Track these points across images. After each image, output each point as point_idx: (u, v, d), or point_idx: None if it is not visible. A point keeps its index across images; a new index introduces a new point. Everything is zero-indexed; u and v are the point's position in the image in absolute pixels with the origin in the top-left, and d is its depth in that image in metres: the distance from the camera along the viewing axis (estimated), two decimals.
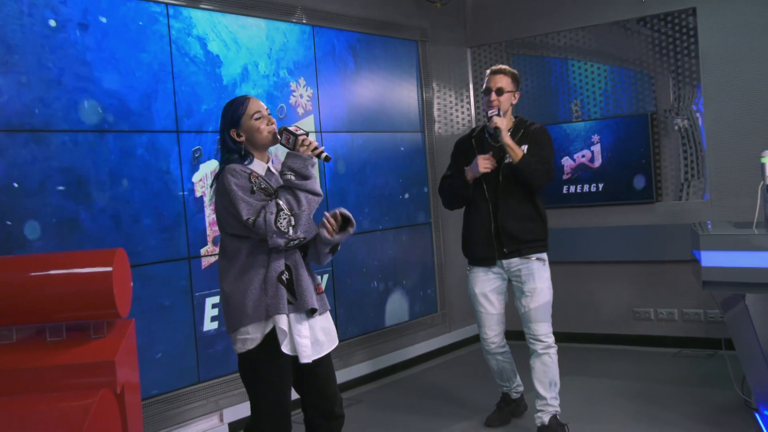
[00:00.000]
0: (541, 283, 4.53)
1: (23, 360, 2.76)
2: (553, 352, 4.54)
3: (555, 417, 4.51)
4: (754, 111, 6.11)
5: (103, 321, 2.85)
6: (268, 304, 3.37)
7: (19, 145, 4.23)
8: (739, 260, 3.98)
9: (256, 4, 5.51)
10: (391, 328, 6.59)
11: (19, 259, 2.97)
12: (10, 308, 2.80)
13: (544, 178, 4.46)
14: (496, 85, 4.53)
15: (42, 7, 4.35)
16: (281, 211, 3.29)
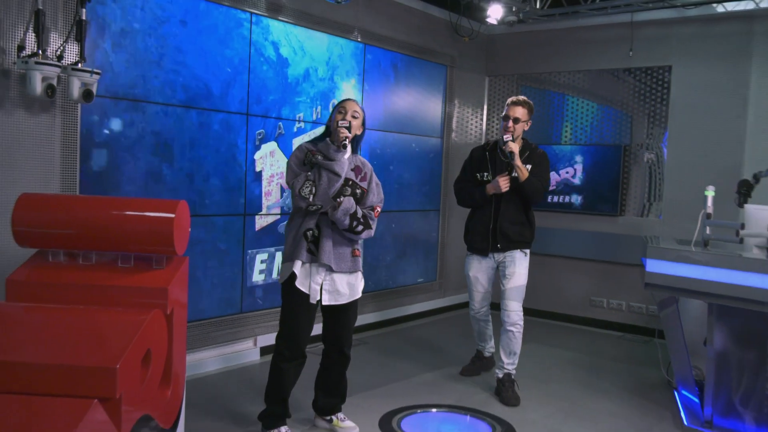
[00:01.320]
0: (520, 269, 4.53)
1: (98, 278, 2.77)
2: (517, 330, 4.51)
3: (509, 375, 4.52)
4: (707, 154, 6.06)
5: (163, 256, 2.84)
6: (291, 250, 3.54)
7: (122, 110, 4.25)
8: (676, 270, 3.93)
9: (322, 21, 5.47)
10: (398, 288, 6.57)
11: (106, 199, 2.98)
12: (94, 237, 2.81)
13: (540, 195, 4.51)
14: (514, 114, 4.46)
15: (153, 4, 4.35)
16: (307, 181, 3.44)
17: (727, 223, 4.19)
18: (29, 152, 3.78)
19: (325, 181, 3.43)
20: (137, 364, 2.41)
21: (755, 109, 5.85)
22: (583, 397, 4.60)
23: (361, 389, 4.54)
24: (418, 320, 6.72)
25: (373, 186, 3.67)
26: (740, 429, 3.89)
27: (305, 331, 3.61)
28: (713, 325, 3.95)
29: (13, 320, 2.49)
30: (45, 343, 2.34)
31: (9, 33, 3.67)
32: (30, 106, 3.77)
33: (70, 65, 3.76)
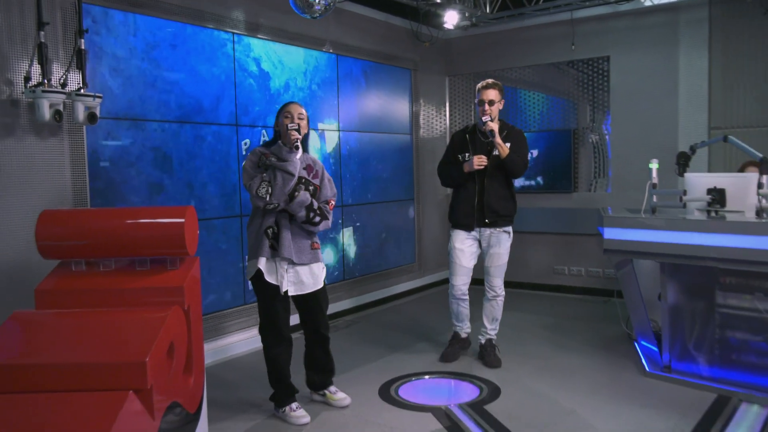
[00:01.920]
0: (503, 249, 4.41)
1: (119, 282, 2.74)
2: (500, 300, 4.50)
3: (490, 340, 4.53)
4: (646, 132, 6.13)
5: (176, 257, 2.82)
6: (255, 248, 3.52)
7: (123, 129, 4.19)
8: (630, 235, 3.99)
9: (297, 36, 5.44)
10: (383, 272, 6.58)
11: (119, 210, 2.94)
12: (111, 245, 2.77)
13: (522, 169, 4.34)
14: (488, 97, 4.28)
15: (144, 31, 4.29)
16: (263, 182, 3.41)
17: (671, 191, 4.27)
18: (42, 173, 3.72)
19: (280, 181, 3.38)
20: (163, 356, 2.39)
21: (685, 89, 5.94)
22: (555, 355, 4.65)
23: (358, 364, 4.55)
24: (402, 299, 6.74)
25: (325, 182, 3.61)
26: (695, 371, 3.97)
27: (283, 319, 3.58)
28: (665, 281, 4.02)
29: (46, 326, 2.46)
30: (78, 345, 2.32)
31: (15, 66, 3.60)
32: (40, 131, 3.70)
33: (73, 91, 3.70)
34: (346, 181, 6.06)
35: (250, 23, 5.02)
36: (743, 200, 3.81)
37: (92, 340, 2.35)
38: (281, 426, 3.54)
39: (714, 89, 5.82)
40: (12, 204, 3.58)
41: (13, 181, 3.59)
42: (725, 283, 3.80)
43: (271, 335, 3.59)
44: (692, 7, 5.86)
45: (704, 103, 5.85)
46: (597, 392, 3.88)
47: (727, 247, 3.57)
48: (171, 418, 2.50)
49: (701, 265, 3.77)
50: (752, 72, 5.64)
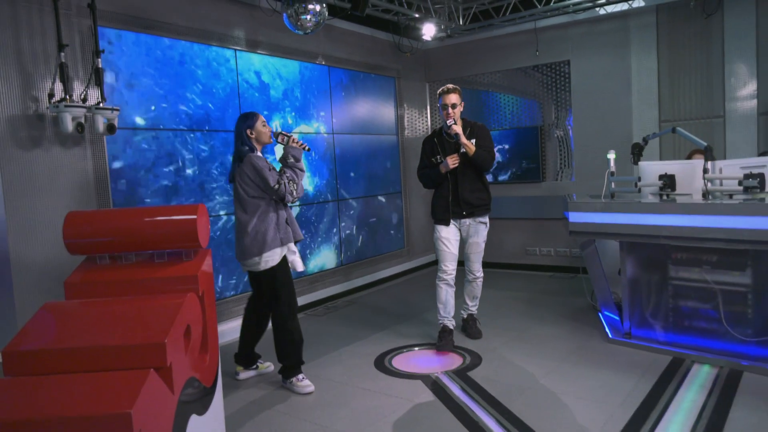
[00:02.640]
0: (481, 239, 4.32)
1: (140, 273, 2.72)
2: (479, 281, 4.47)
3: (471, 315, 4.54)
4: (604, 125, 6.13)
5: (191, 250, 2.80)
6: (281, 237, 3.50)
7: (140, 138, 4.15)
8: (592, 218, 3.99)
9: (293, 51, 5.41)
10: (375, 257, 6.57)
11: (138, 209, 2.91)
12: (132, 241, 2.75)
13: (490, 162, 4.21)
14: (450, 101, 4.18)
15: (155, 50, 4.25)
16: (290, 181, 3.45)
17: (627, 178, 4.27)
18: (68, 179, 3.69)
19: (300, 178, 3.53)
20: (180, 337, 2.38)
21: (637, 87, 5.94)
22: (528, 326, 4.67)
23: (354, 339, 4.55)
24: (393, 281, 6.74)
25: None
26: (653, 336, 3.99)
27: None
28: (624, 258, 4.03)
29: (74, 314, 2.44)
30: (104, 329, 2.30)
31: (39, 84, 3.56)
32: (64, 142, 3.67)
33: (93, 106, 3.66)
34: (341, 178, 6.04)
35: (250, 40, 4.98)
36: (691, 184, 3.82)
37: (116, 325, 2.33)
38: (288, 395, 3.54)
39: (663, 86, 5.83)
40: (42, 207, 3.55)
41: (42, 187, 3.56)
42: (677, 258, 3.82)
43: (294, 310, 3.60)
44: (641, 13, 5.86)
45: (654, 99, 5.86)
46: (566, 358, 3.90)
47: (677, 226, 3.58)
48: (189, 392, 2.49)
49: (655, 243, 3.78)
50: (695, 70, 5.65)
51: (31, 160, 3.51)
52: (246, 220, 3.46)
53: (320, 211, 5.79)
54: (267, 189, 3.42)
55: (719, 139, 5.51)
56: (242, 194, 3.44)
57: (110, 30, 3.95)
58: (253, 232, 3.44)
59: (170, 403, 2.24)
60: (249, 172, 3.42)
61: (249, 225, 3.45)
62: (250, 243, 3.45)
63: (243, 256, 3.51)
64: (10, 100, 3.43)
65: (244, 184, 3.43)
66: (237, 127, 3.53)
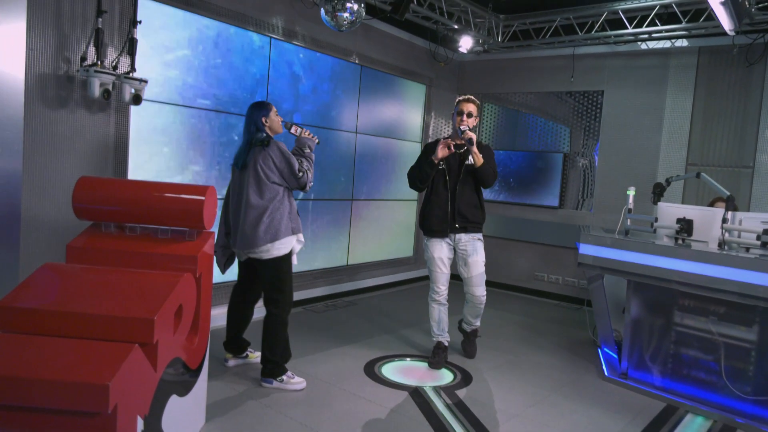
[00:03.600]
0: (480, 257, 4.09)
1: (141, 246, 2.72)
2: (482, 304, 4.19)
3: (475, 330, 4.44)
4: (629, 161, 6.04)
5: (194, 230, 2.80)
6: (293, 226, 3.47)
7: (164, 113, 4.18)
8: (602, 252, 3.93)
9: (328, 45, 5.41)
10: (381, 261, 6.54)
11: (149, 183, 2.92)
12: (139, 213, 2.76)
13: (493, 178, 4.07)
14: (467, 109, 4.01)
15: (192, 28, 4.27)
16: (309, 170, 3.48)
17: (644, 217, 4.19)
18: (88, 144, 3.71)
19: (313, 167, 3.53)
20: (171, 316, 2.37)
21: (668, 127, 5.85)
22: (525, 352, 4.60)
23: (348, 341, 4.52)
24: (397, 287, 6.70)
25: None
26: (649, 380, 3.91)
27: None
28: (631, 297, 3.96)
29: (71, 278, 2.44)
30: (96, 297, 2.30)
31: (74, 46, 3.59)
32: (90, 107, 3.70)
33: (123, 74, 3.69)
34: (358, 178, 6.03)
35: (287, 30, 4.98)
36: (708, 232, 3.74)
37: (110, 294, 2.33)
38: (276, 391, 3.52)
39: (695, 129, 5.73)
40: (58, 168, 3.58)
41: (63, 147, 3.58)
42: (684, 304, 3.74)
43: (291, 303, 3.57)
44: (683, 53, 5.76)
45: (684, 141, 5.76)
46: (558, 390, 3.83)
47: (689, 272, 3.51)
48: (172, 372, 2.48)
49: (664, 286, 3.71)
50: (730, 117, 5.54)
51: (55, 120, 3.54)
52: (262, 205, 3.37)
53: (334, 208, 5.77)
54: (291, 176, 3.39)
55: (745, 190, 5.40)
56: (262, 177, 3.35)
57: (151, 2, 3.98)
58: (267, 219, 3.37)
59: (151, 380, 2.23)
60: (276, 157, 3.36)
61: (265, 211, 3.36)
62: (265, 230, 3.37)
63: (251, 242, 3.39)
64: (43, 58, 3.46)
65: (267, 168, 3.36)
66: (251, 114, 3.49)
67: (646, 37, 5.72)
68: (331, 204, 5.75)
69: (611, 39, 5.87)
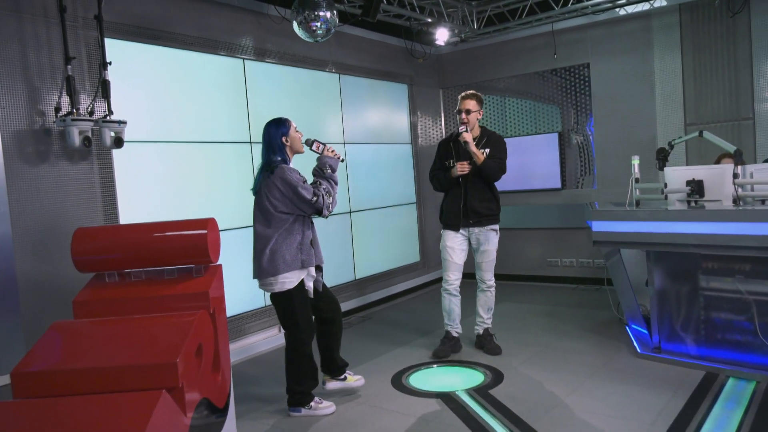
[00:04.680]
0: (492, 246, 4.39)
1: (150, 291, 2.74)
2: (492, 290, 4.48)
3: (487, 329, 4.50)
4: (626, 130, 6.11)
5: (201, 265, 2.82)
6: (303, 259, 3.38)
7: (146, 151, 4.20)
8: (616, 227, 3.96)
9: (302, 59, 5.46)
10: (389, 271, 6.57)
11: (147, 225, 2.94)
12: (141, 257, 2.78)
13: (499, 173, 4.30)
14: (465, 107, 4.29)
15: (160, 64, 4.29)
16: (327, 194, 3.37)
17: (653, 185, 4.24)
18: (75, 194, 3.73)
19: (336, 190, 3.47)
20: (192, 356, 2.39)
21: (661, 90, 5.92)
22: (552, 341, 4.63)
23: (371, 356, 4.54)
24: (409, 295, 6.72)
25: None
26: (683, 350, 3.94)
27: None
28: (652, 268, 4.00)
29: (83, 334, 2.46)
30: (113, 349, 2.31)
31: (46, 98, 3.62)
32: (71, 157, 3.72)
33: (100, 119, 3.71)
34: (353, 189, 6.06)
35: (258, 49, 5.03)
36: (720, 190, 3.78)
37: (126, 344, 2.34)
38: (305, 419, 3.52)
39: (687, 89, 5.80)
40: (48, 224, 3.59)
41: (50, 202, 3.60)
42: (707, 267, 3.78)
43: (309, 335, 3.50)
44: (663, 13, 5.84)
45: (679, 102, 5.83)
46: (593, 374, 3.86)
47: (707, 234, 3.55)
48: (201, 414, 2.49)
49: (684, 252, 3.74)
50: (722, 71, 5.61)
51: (38, 176, 3.56)
52: (267, 235, 3.32)
53: (333, 224, 5.80)
54: (301, 204, 3.30)
55: (749, 142, 5.46)
56: (268, 207, 3.30)
57: (117, 41, 4.01)
58: (270, 252, 3.31)
59: (182, 425, 2.24)
60: (280, 186, 3.29)
61: (269, 242, 3.32)
62: (267, 262, 3.32)
63: (256, 274, 3.40)
64: (17, 115, 3.48)
65: (272, 197, 3.29)
66: (268, 134, 3.39)
67: (624, 2, 5.80)
68: (329, 220, 5.77)
69: (589, 9, 5.94)
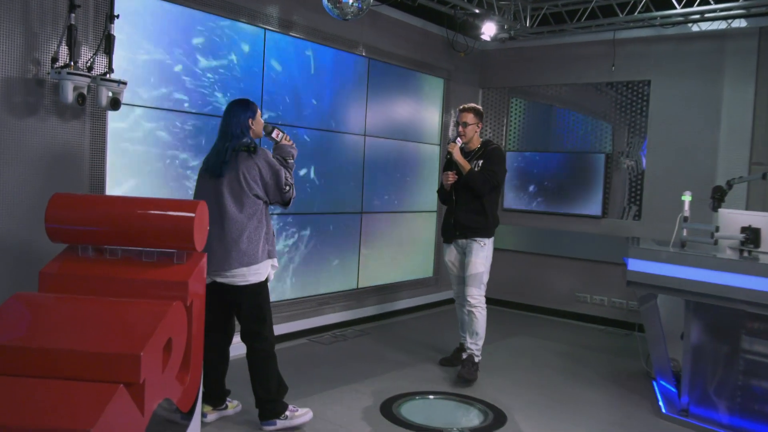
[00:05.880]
0: (476, 258, 4.56)
1: (124, 272, 2.75)
2: (477, 312, 4.55)
3: (471, 356, 4.55)
4: (683, 161, 6.04)
5: (183, 251, 2.82)
6: (269, 249, 3.50)
7: (146, 118, 4.23)
8: (655, 269, 3.92)
9: (331, 37, 5.48)
10: (397, 283, 6.55)
11: (131, 199, 2.96)
12: (120, 233, 2.79)
13: (485, 185, 4.53)
14: (463, 119, 4.64)
15: (176, 21, 4.33)
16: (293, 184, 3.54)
17: (703, 226, 4.18)
18: (61, 156, 3.77)
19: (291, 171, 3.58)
20: (159, 351, 2.39)
21: (728, 122, 5.83)
22: (567, 386, 4.58)
23: (361, 377, 4.52)
24: (416, 313, 6.69)
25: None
26: (715, 417, 3.87)
27: None
28: (690, 320, 3.93)
29: (45, 310, 2.48)
30: (74, 331, 2.33)
31: (44, 46, 3.65)
32: (62, 114, 3.75)
33: (99, 76, 3.74)
34: (368, 187, 6.06)
35: (283, 20, 5.05)
36: None
37: (89, 328, 2.35)
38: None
39: (759, 123, 5.70)
40: (30, 183, 3.63)
41: (32, 159, 3.64)
42: (753, 327, 3.71)
43: (274, 336, 3.59)
44: (741, 36, 5.76)
45: (747, 137, 5.73)
46: (607, 430, 3.80)
47: (758, 290, 3.49)
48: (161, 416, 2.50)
49: (729, 307, 3.68)
50: None
51: (24, 129, 3.59)
52: (242, 221, 3.35)
53: (340, 223, 5.79)
54: (275, 191, 3.43)
55: None
56: (245, 189, 3.35)
57: None
58: (246, 240, 3.35)
59: (138, 425, 2.24)
60: (263, 168, 3.38)
61: (245, 229, 3.36)
62: (242, 252, 3.35)
63: (222, 264, 3.36)
64: (9, 60, 3.52)
65: (251, 179, 3.35)
66: (235, 114, 3.46)
67: (698, 17, 5.73)
68: (337, 218, 5.77)
69: (657, 20, 5.88)
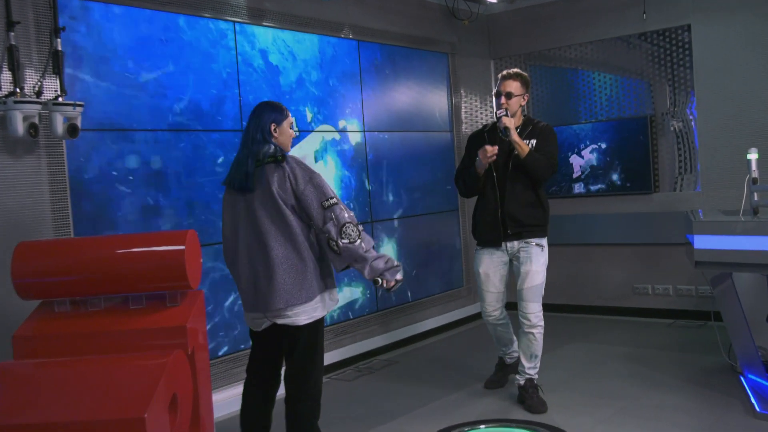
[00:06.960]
0: (536, 266, 4.38)
1: (110, 324, 2.78)
2: (537, 332, 4.41)
3: (531, 380, 4.47)
4: (741, 114, 6.04)
5: (177, 291, 2.85)
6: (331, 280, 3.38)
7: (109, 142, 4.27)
8: (727, 243, 3.92)
9: (310, 21, 5.51)
10: (424, 300, 6.56)
11: (108, 238, 2.99)
12: (99, 280, 2.82)
13: (548, 171, 4.36)
14: (506, 89, 4.36)
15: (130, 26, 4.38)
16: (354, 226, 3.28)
17: None
18: (17, 198, 3.80)
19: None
20: (164, 410, 2.42)
21: None
22: (641, 394, 4.57)
23: (398, 413, 4.53)
24: (449, 331, 6.71)
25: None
26: None
27: None
28: None
29: (27, 379, 2.50)
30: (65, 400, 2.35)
31: None
32: (13, 150, 3.79)
33: (50, 101, 3.79)
34: (375, 191, 6.08)
35: (253, 9, 5.09)
36: None
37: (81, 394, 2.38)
38: None
39: None
40: None
41: None
42: None
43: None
44: None
45: None
46: None
47: None
48: None
49: None
50: None
51: None
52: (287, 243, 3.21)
53: None
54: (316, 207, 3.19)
55: None
56: (280, 204, 3.19)
57: (73, 1, 4.08)
58: (301, 266, 3.22)
59: None
60: (299, 173, 3.21)
61: (296, 253, 3.22)
62: (299, 281, 3.20)
63: (285, 300, 3.20)
64: None
65: (283, 191, 3.20)
66: (257, 115, 3.35)
67: None
68: None
69: None
